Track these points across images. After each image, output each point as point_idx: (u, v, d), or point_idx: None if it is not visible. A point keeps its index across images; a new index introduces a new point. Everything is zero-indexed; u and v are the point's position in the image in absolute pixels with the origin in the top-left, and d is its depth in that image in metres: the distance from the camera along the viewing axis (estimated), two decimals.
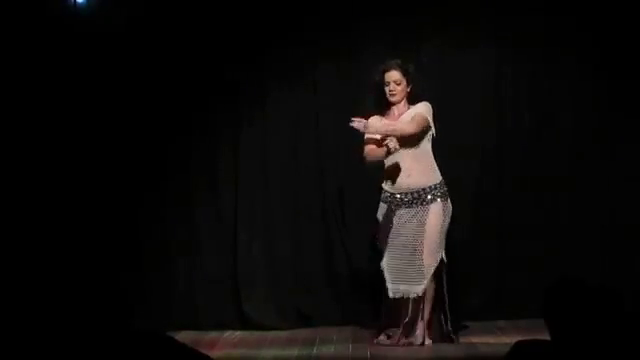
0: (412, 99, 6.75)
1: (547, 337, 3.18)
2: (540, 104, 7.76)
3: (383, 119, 6.76)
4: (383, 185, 6.77)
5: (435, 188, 6.66)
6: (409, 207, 6.65)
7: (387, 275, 6.65)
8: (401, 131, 6.59)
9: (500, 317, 7.49)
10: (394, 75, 6.70)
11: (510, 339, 6.28)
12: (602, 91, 7.71)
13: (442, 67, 7.73)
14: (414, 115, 6.65)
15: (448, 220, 6.69)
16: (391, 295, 6.61)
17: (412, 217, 6.64)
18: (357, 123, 6.46)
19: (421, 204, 6.63)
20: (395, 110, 6.75)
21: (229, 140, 7.85)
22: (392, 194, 6.70)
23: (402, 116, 6.71)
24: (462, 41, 7.75)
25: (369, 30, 7.73)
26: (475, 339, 6.88)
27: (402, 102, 6.76)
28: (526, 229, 7.71)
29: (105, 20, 7.48)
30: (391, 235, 6.68)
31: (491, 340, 6.83)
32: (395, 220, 6.67)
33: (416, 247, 6.61)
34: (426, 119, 6.64)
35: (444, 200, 6.67)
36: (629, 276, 7.33)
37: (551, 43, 7.73)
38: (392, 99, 6.73)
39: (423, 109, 6.67)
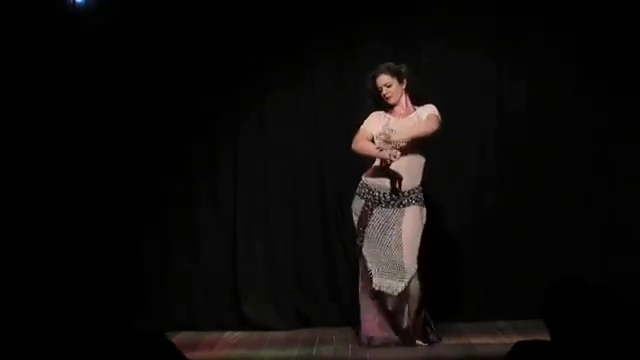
0: (416, 99, 6.75)
1: (547, 338, 3.18)
2: (540, 104, 7.76)
3: (386, 115, 6.77)
4: (365, 179, 6.76)
5: (413, 192, 6.67)
6: (386, 207, 6.66)
7: (372, 267, 6.65)
8: (424, 133, 6.60)
9: (500, 317, 7.49)
10: (383, 79, 6.72)
11: (510, 340, 6.29)
12: (602, 91, 7.70)
13: (442, 67, 7.73)
14: (428, 114, 6.65)
15: (423, 225, 6.69)
16: (376, 288, 6.61)
17: (389, 217, 6.64)
18: (388, 155, 6.49)
19: (397, 206, 6.65)
20: (399, 109, 6.76)
21: (229, 140, 7.84)
22: (371, 191, 6.70)
23: (411, 115, 6.71)
24: (462, 40, 7.75)
25: (369, 30, 7.73)
26: (475, 339, 6.87)
27: (402, 100, 6.75)
28: (526, 229, 7.70)
29: (104, 20, 7.48)
30: (369, 230, 6.67)
31: (491, 341, 6.82)
32: (373, 217, 6.67)
33: (396, 246, 6.59)
34: (439, 117, 6.65)
35: (420, 205, 6.67)
36: (629, 276, 7.33)
37: (552, 43, 7.74)
38: (390, 102, 6.75)
39: (433, 111, 6.68)
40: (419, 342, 6.63)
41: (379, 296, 6.64)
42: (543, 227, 7.70)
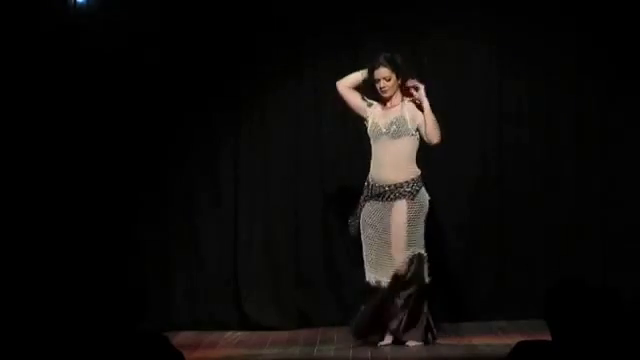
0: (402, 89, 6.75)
1: (548, 337, 3.19)
2: (541, 104, 7.77)
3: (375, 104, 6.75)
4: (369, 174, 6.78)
5: (401, 186, 6.58)
6: (376, 200, 6.63)
7: (365, 262, 6.67)
8: (430, 132, 6.60)
9: (501, 317, 7.49)
10: (383, 72, 6.64)
11: (511, 340, 6.28)
12: (603, 91, 7.71)
13: (442, 66, 7.73)
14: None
15: (421, 217, 6.58)
16: (367, 280, 6.62)
17: (376, 211, 6.62)
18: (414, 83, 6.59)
19: (386, 199, 6.61)
20: (388, 103, 6.73)
21: (229, 140, 7.85)
22: (369, 184, 6.68)
23: (395, 108, 6.70)
24: (462, 39, 7.76)
25: (370, 29, 7.73)
26: (476, 339, 6.87)
27: (394, 95, 6.74)
28: (526, 229, 7.71)
29: (105, 21, 7.48)
30: (361, 224, 6.68)
31: (492, 341, 6.82)
32: (365, 210, 6.67)
33: (384, 240, 6.57)
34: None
35: (409, 199, 6.57)
36: (629, 276, 7.33)
37: (552, 43, 7.74)
38: (384, 95, 6.68)
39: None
40: (411, 342, 6.59)
41: (372, 291, 6.63)
42: (543, 227, 7.70)
